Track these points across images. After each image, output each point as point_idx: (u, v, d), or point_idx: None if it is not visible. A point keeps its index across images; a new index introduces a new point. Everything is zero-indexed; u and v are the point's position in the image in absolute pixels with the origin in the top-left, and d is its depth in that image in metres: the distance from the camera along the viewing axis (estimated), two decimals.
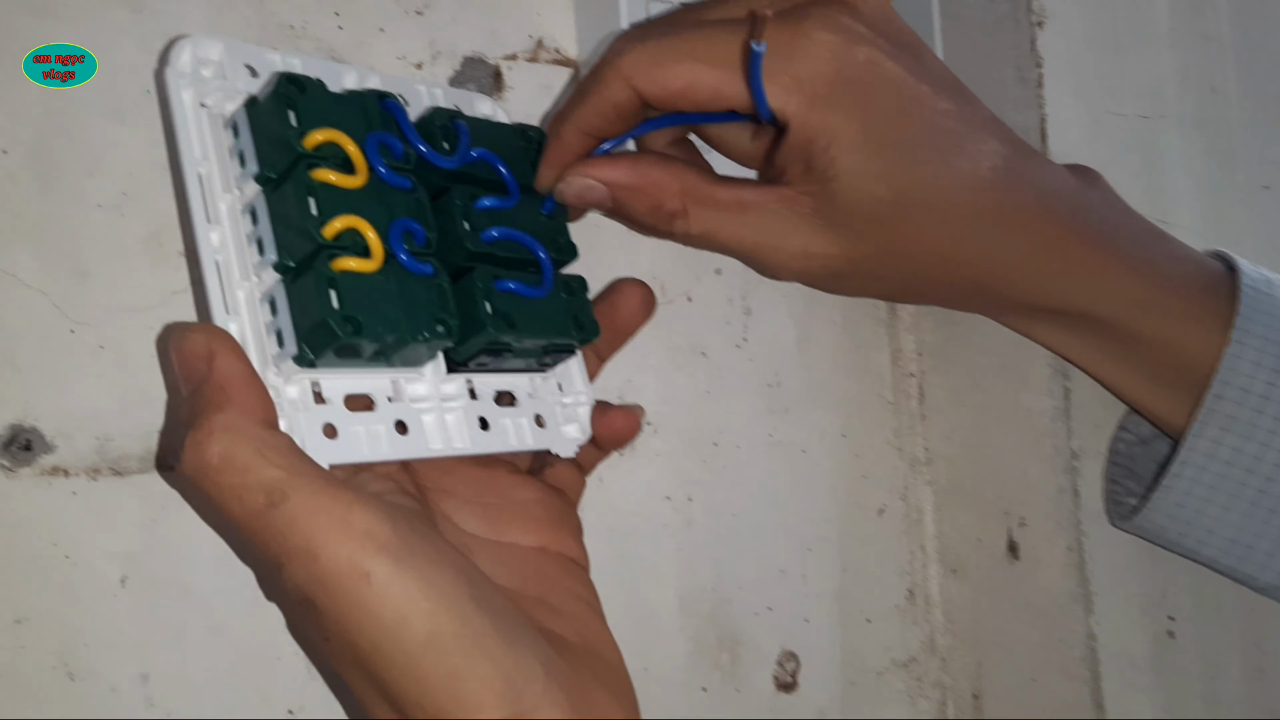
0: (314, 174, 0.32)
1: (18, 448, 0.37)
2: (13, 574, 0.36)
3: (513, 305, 0.35)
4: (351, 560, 0.28)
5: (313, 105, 0.33)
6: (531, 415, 0.37)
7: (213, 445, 0.28)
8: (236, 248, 0.33)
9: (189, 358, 0.30)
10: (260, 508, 0.28)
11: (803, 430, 0.49)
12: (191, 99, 0.33)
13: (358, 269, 0.31)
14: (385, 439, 0.33)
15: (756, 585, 0.47)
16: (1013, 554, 0.47)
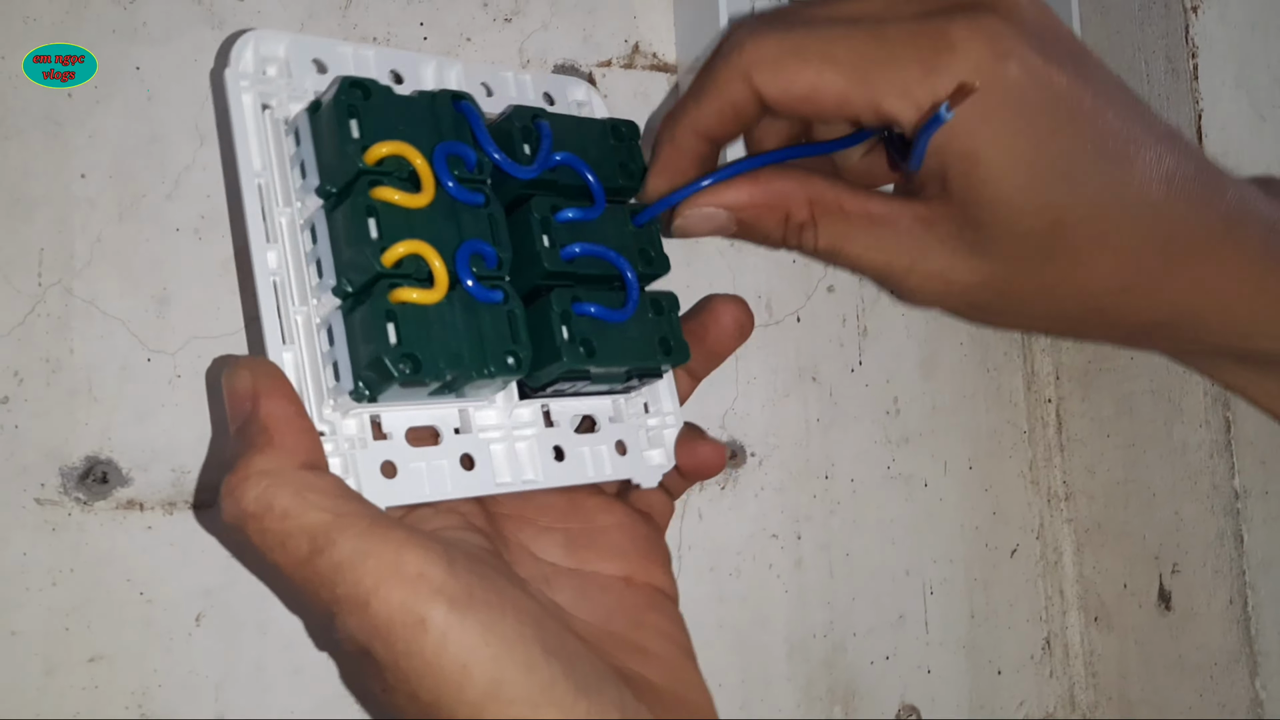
0: (375, 192, 0.29)
1: (94, 480, 0.36)
2: (88, 611, 0.36)
3: (593, 330, 0.32)
4: (405, 606, 0.26)
5: (377, 113, 0.30)
6: (612, 441, 0.34)
7: (249, 490, 0.27)
8: (295, 267, 0.30)
9: (235, 396, 0.29)
10: (305, 555, 0.27)
11: (925, 462, 0.45)
12: (252, 102, 0.30)
13: (419, 300, 0.29)
14: (449, 475, 0.31)
15: (873, 631, 0.43)
16: (1165, 603, 0.42)
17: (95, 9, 0.38)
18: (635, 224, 0.34)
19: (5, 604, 0.35)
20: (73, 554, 0.36)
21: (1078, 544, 0.46)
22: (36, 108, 0.37)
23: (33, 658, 0.35)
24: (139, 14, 0.38)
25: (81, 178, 0.37)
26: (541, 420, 0.33)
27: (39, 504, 0.35)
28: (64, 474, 0.36)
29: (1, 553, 0.35)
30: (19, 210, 0.36)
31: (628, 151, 0.34)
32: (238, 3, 0.39)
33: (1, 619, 0.35)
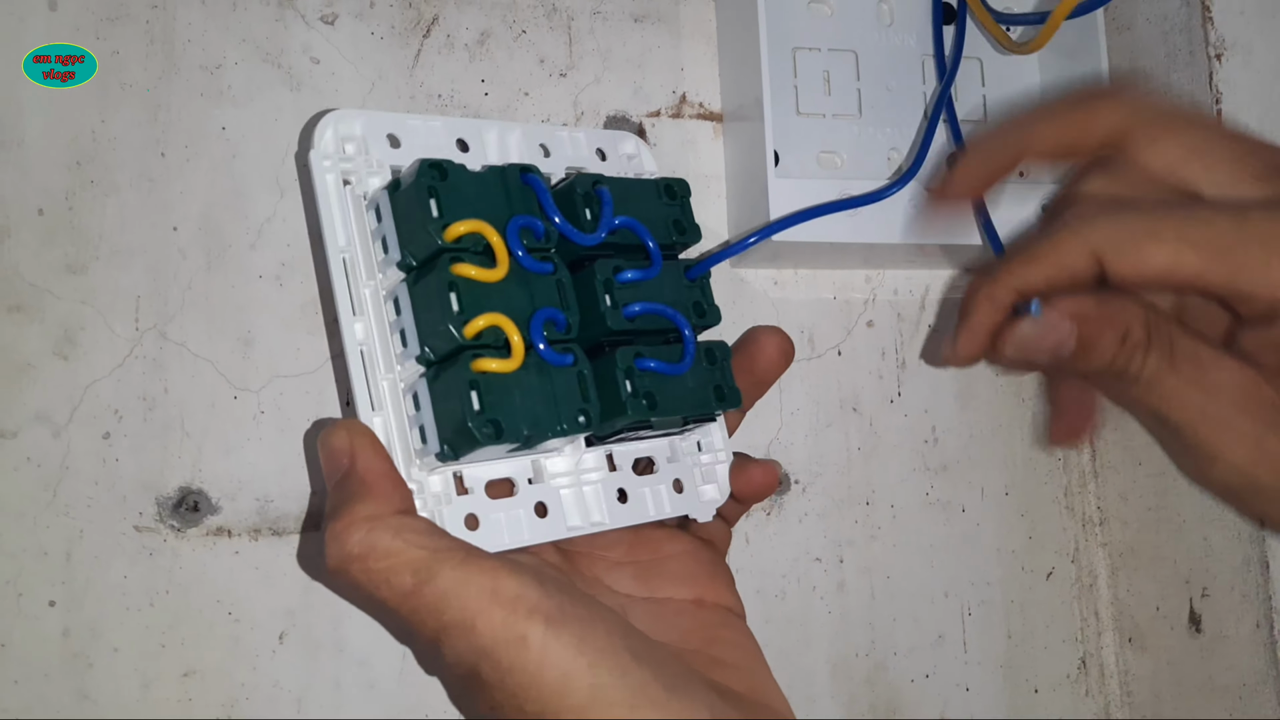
0: (455, 268, 0.31)
1: (186, 509, 0.39)
2: (182, 629, 0.39)
3: (654, 384, 0.34)
4: (507, 626, 0.29)
5: (455, 192, 0.32)
6: (670, 481, 0.37)
7: (353, 534, 0.29)
8: (380, 337, 0.33)
9: (333, 454, 0.31)
10: (409, 588, 0.29)
11: (962, 488, 0.47)
12: (335, 181, 0.33)
13: (498, 369, 0.31)
14: (525, 523, 0.33)
15: (913, 651, 0.45)
16: (1195, 626, 0.44)
17: (185, 75, 0.41)
18: (689, 277, 0.36)
19: (106, 623, 0.38)
20: (167, 577, 0.39)
21: (1112, 567, 0.48)
22: (133, 167, 0.40)
23: (131, 673, 0.38)
24: (224, 78, 0.41)
25: (174, 230, 0.40)
26: (605, 465, 0.35)
27: (138, 531, 0.39)
28: (159, 503, 0.39)
29: (104, 576, 0.38)
30: (118, 260, 0.39)
31: (680, 209, 0.37)
32: (313, 65, 0.42)
33: (103, 637, 0.38)
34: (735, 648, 0.35)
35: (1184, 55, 0.44)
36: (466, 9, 0.44)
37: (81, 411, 0.38)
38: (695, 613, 0.35)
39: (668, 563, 0.36)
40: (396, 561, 0.29)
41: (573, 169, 0.36)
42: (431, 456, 0.32)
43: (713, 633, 0.35)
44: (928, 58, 0.48)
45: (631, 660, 0.30)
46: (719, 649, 0.34)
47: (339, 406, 0.41)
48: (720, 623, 0.35)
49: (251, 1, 0.42)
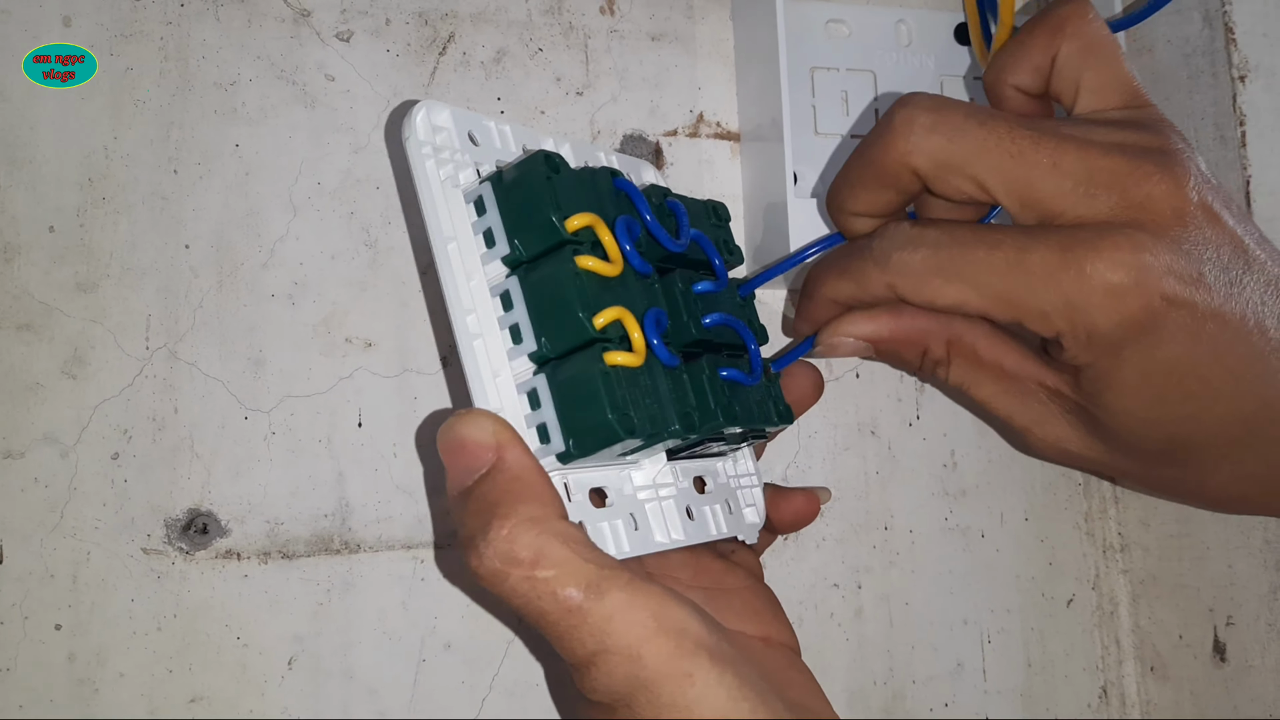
0: (580, 260, 0.30)
1: (195, 531, 0.38)
2: (189, 654, 0.38)
3: (733, 394, 0.34)
4: (673, 659, 0.27)
5: (566, 185, 0.31)
6: (723, 501, 0.36)
7: (522, 537, 0.27)
8: (489, 333, 0.31)
9: (471, 448, 0.29)
10: (576, 604, 0.27)
11: (981, 514, 0.46)
12: (434, 168, 0.31)
13: (626, 363, 0.30)
14: (625, 535, 0.32)
15: (932, 680, 0.45)
16: (1219, 655, 0.43)
17: (198, 92, 0.40)
18: (741, 294, 0.37)
19: (113, 648, 0.37)
20: (175, 601, 0.38)
21: (1133, 595, 0.47)
22: (145, 184, 0.39)
23: (138, 699, 0.37)
24: (238, 95, 0.41)
25: (186, 248, 0.40)
26: (675, 481, 0.35)
27: (145, 553, 0.38)
28: (168, 525, 0.38)
29: (111, 599, 0.37)
30: (129, 279, 0.39)
31: (726, 231, 0.37)
32: (328, 82, 0.42)
33: (110, 662, 0.37)
34: (807, 691, 0.34)
35: (1206, 78, 0.43)
36: (483, 27, 0.44)
37: (90, 432, 0.38)
38: (765, 651, 0.34)
39: (733, 596, 0.35)
40: (564, 572, 0.27)
41: None
42: (551, 457, 0.30)
43: (785, 674, 0.34)
44: (946, 78, 0.48)
45: (783, 706, 0.28)
46: (794, 692, 0.33)
47: (353, 427, 0.40)
48: (789, 664, 0.35)
49: (266, 18, 0.41)
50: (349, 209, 0.41)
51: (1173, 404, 0.32)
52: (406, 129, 0.31)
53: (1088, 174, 0.32)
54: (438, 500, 0.41)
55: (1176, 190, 0.31)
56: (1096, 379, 0.33)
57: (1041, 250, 0.32)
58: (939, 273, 0.34)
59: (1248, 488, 0.34)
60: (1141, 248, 0.31)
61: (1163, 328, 0.31)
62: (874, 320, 0.37)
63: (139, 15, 0.40)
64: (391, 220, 0.42)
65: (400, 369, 0.41)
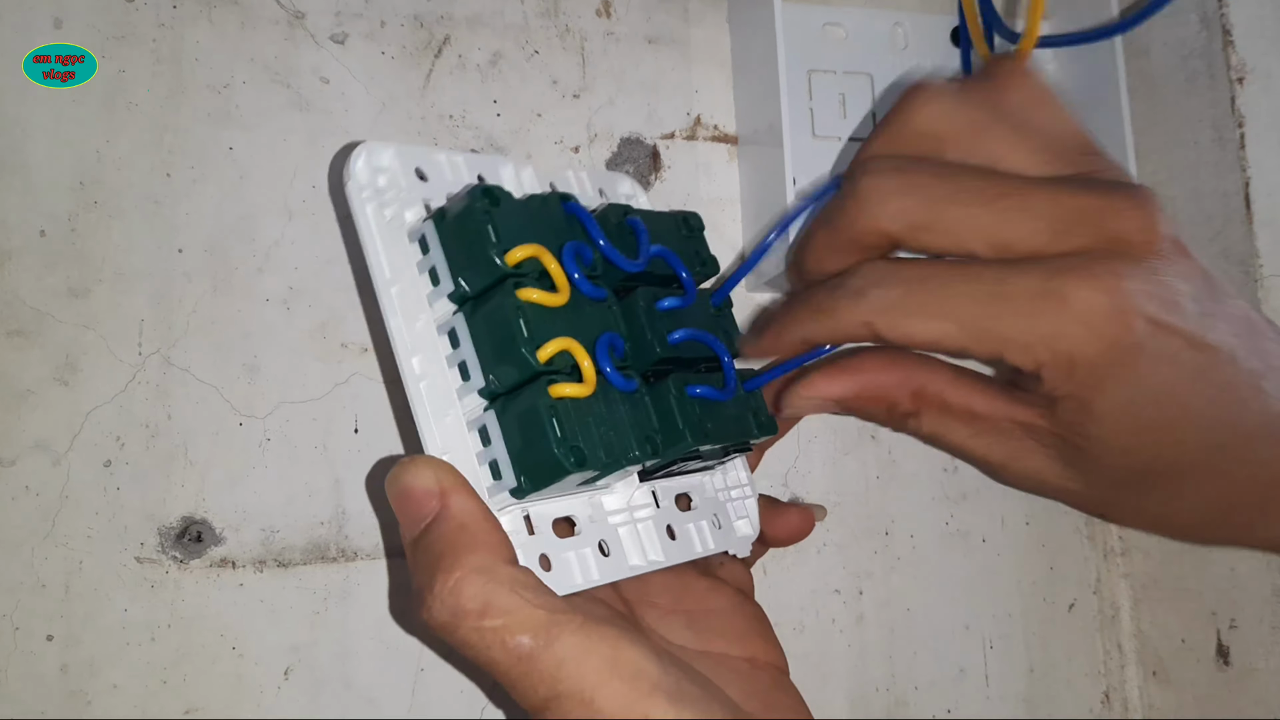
0: (521, 293, 0.30)
1: (189, 540, 0.38)
2: (184, 665, 0.37)
3: (704, 411, 0.33)
4: (628, 703, 0.27)
5: (508, 218, 0.31)
6: (710, 516, 0.36)
7: (468, 589, 0.27)
8: (437, 373, 0.31)
9: (417, 496, 0.29)
10: (525, 652, 0.27)
11: (982, 518, 0.46)
12: (375, 211, 0.31)
13: (573, 394, 0.30)
14: (593, 563, 0.32)
15: (934, 686, 0.44)
16: (1223, 658, 0.43)
17: (191, 95, 0.40)
18: (713, 304, 0.36)
19: (106, 659, 0.36)
20: (169, 610, 0.37)
21: (1134, 599, 0.47)
22: (138, 188, 0.39)
23: (132, 711, 0.37)
24: (232, 99, 0.40)
25: (179, 253, 0.39)
26: (654, 501, 0.34)
27: (139, 562, 0.37)
28: (162, 534, 0.38)
29: (104, 609, 0.37)
30: (121, 284, 0.38)
31: (698, 241, 0.36)
32: (323, 85, 0.41)
33: (103, 674, 0.36)
34: (791, 711, 0.34)
35: (1204, 79, 0.43)
36: (479, 29, 0.43)
37: (82, 439, 0.37)
38: (750, 673, 0.34)
39: (717, 616, 0.35)
40: (513, 621, 0.27)
41: None
42: (505, 493, 0.30)
43: (770, 696, 0.34)
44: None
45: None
46: (778, 712, 0.33)
47: (349, 433, 0.40)
48: (774, 685, 0.34)
49: (260, 20, 0.41)
50: (344, 213, 0.41)
51: (1152, 431, 0.32)
52: (347, 173, 0.31)
53: (1060, 213, 0.32)
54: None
55: (1150, 223, 0.31)
56: (1077, 409, 0.32)
57: (1021, 280, 0.31)
58: (918, 308, 0.33)
59: (1215, 515, 0.34)
60: (1122, 275, 0.30)
61: (1144, 354, 0.31)
62: (835, 380, 0.36)
63: (131, 18, 0.40)
64: None
65: (396, 374, 0.40)
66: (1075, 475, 0.34)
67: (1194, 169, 0.43)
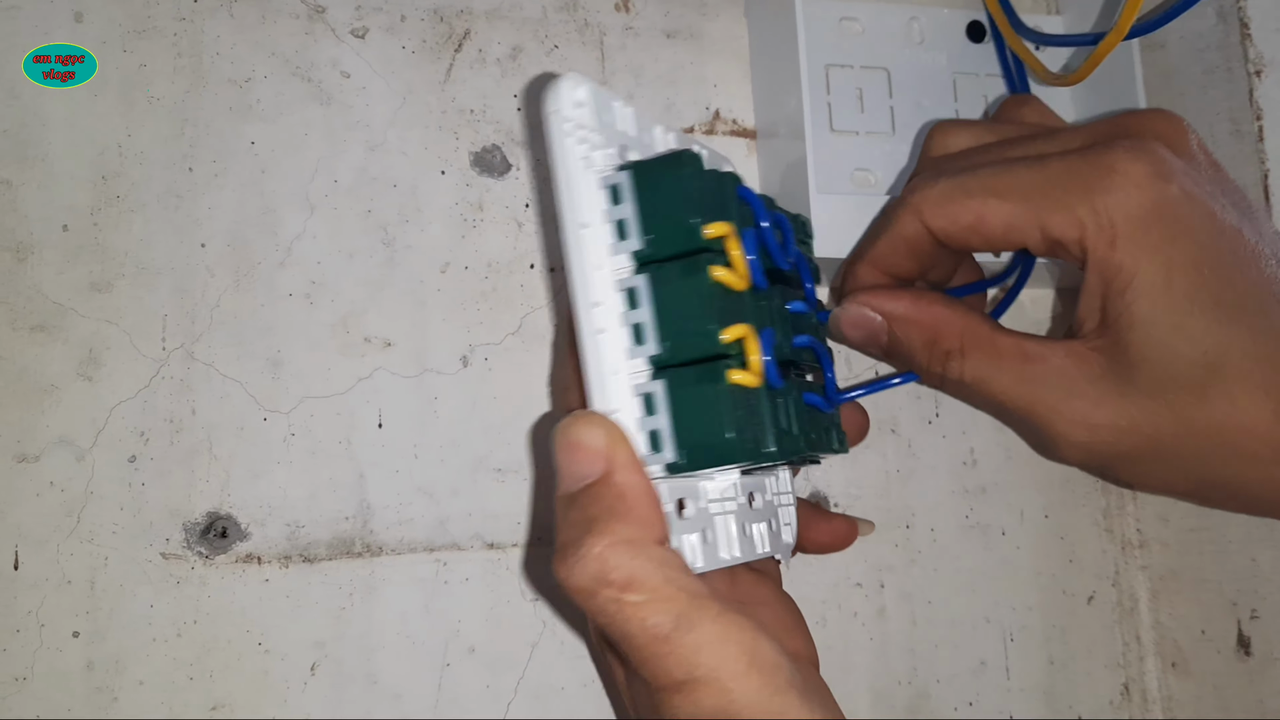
0: (714, 272, 0.29)
1: (214, 535, 0.38)
2: (210, 661, 0.37)
3: (811, 419, 0.33)
4: (765, 695, 0.27)
5: (707, 190, 0.30)
6: (768, 519, 0.36)
7: (615, 559, 0.27)
8: (611, 328, 0.30)
9: (584, 455, 0.28)
10: (665, 633, 0.26)
11: (1002, 511, 0.46)
12: (574, 146, 0.30)
13: (744, 383, 0.29)
14: (700, 549, 0.31)
15: (955, 678, 0.44)
16: (1244, 649, 0.43)
17: (213, 88, 0.40)
18: (820, 319, 0.36)
19: (132, 655, 0.36)
20: (195, 606, 0.37)
21: (1153, 590, 0.47)
22: (160, 182, 0.39)
23: (158, 707, 0.36)
24: (253, 92, 0.40)
25: (201, 247, 0.39)
26: (736, 494, 0.34)
27: (164, 558, 0.37)
28: (187, 529, 0.37)
29: (129, 605, 0.37)
30: (144, 279, 0.38)
31: (809, 249, 0.37)
32: (343, 79, 0.41)
33: (128, 670, 0.36)
34: (830, 709, 0.33)
35: (1221, 73, 0.43)
36: (498, 24, 0.43)
37: (106, 434, 0.37)
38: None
39: (764, 609, 0.35)
40: (655, 599, 0.27)
41: None
42: (659, 467, 0.29)
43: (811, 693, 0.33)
44: (960, 75, 0.48)
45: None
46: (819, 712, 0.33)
47: (373, 428, 0.39)
48: (810, 681, 0.34)
49: (281, 14, 0.41)
50: (366, 207, 0.41)
51: (1203, 315, 0.31)
52: (550, 102, 0.30)
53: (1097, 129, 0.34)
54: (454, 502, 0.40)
55: (1180, 127, 0.34)
56: (1123, 292, 0.32)
57: (1064, 157, 0.33)
58: (962, 189, 0.34)
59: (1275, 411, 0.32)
60: (1158, 150, 0.32)
61: (1183, 217, 0.32)
62: (893, 296, 0.37)
63: (151, 11, 0.40)
64: (409, 218, 0.41)
65: (420, 369, 0.40)
66: (1127, 402, 0.33)
67: None
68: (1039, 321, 0.48)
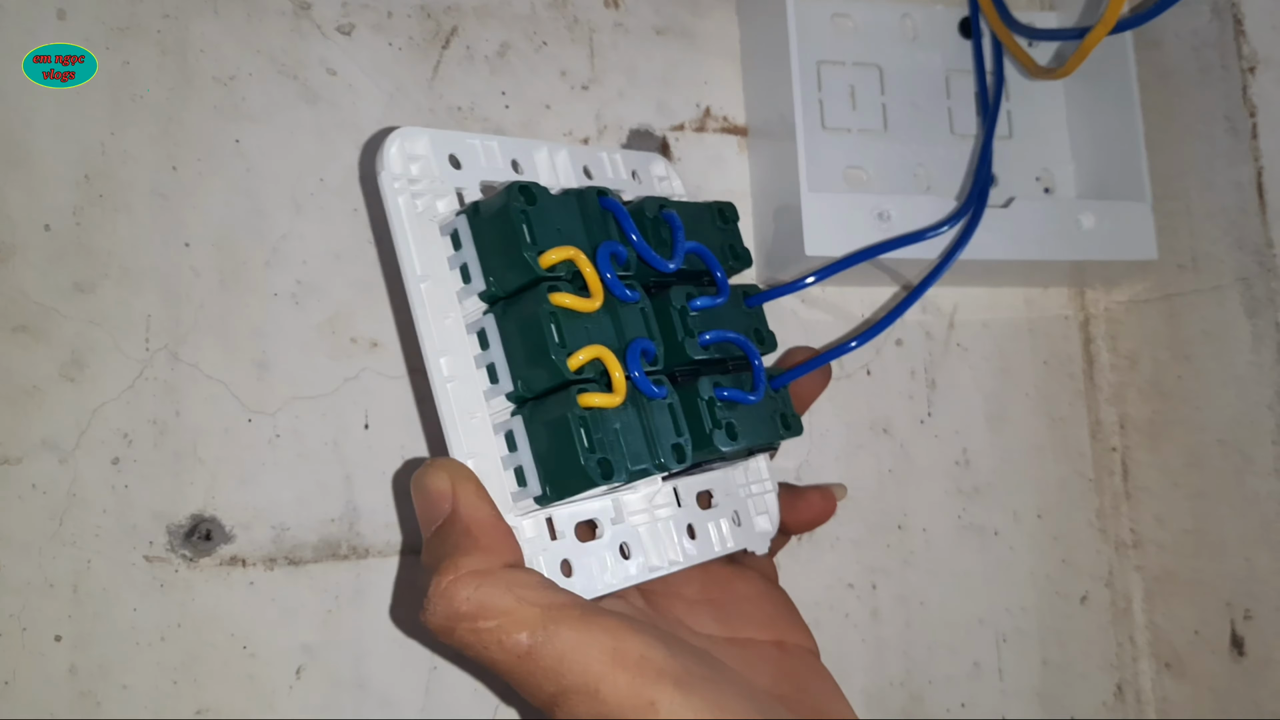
0: (554, 299, 0.29)
1: (199, 538, 0.37)
2: (194, 665, 0.37)
3: (732, 413, 0.33)
4: (634, 690, 0.27)
5: (544, 216, 0.30)
6: (730, 513, 0.35)
7: (461, 591, 0.27)
8: (465, 373, 0.31)
9: (431, 498, 0.29)
10: (524, 650, 0.27)
11: (995, 511, 0.46)
12: (407, 204, 0.31)
13: (603, 404, 0.29)
14: (614, 566, 0.31)
15: (949, 680, 0.44)
16: (1238, 649, 0.42)
17: (198, 87, 0.39)
18: (748, 305, 0.35)
19: (116, 660, 0.36)
20: (180, 610, 0.37)
21: (1147, 591, 0.47)
22: (144, 182, 0.38)
23: (142, 712, 0.36)
24: (239, 90, 0.40)
25: (186, 247, 0.39)
26: (675, 500, 0.34)
27: (148, 561, 0.37)
28: (171, 532, 0.37)
29: (113, 609, 0.36)
30: (128, 279, 0.38)
31: (733, 234, 0.36)
32: (330, 77, 0.41)
33: (112, 674, 0.36)
34: (825, 693, 0.33)
35: (1216, 70, 0.43)
36: (487, 21, 0.43)
37: (89, 436, 0.37)
38: (780, 657, 0.34)
39: (742, 603, 0.35)
40: (509, 620, 0.27)
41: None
42: (529, 500, 0.30)
43: (802, 678, 0.33)
44: (952, 73, 0.47)
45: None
46: (811, 695, 0.33)
47: (360, 429, 0.39)
48: (806, 667, 0.34)
49: (266, 12, 0.40)
50: (353, 206, 0.40)
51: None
52: (380, 162, 0.30)
53: None
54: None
55: None
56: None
57: None
58: None
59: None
60: None
61: None
62: None
63: (136, 9, 0.39)
64: None
65: (407, 369, 0.40)
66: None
67: (1207, 160, 0.43)
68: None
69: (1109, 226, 0.44)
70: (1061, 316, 0.49)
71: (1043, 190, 0.48)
